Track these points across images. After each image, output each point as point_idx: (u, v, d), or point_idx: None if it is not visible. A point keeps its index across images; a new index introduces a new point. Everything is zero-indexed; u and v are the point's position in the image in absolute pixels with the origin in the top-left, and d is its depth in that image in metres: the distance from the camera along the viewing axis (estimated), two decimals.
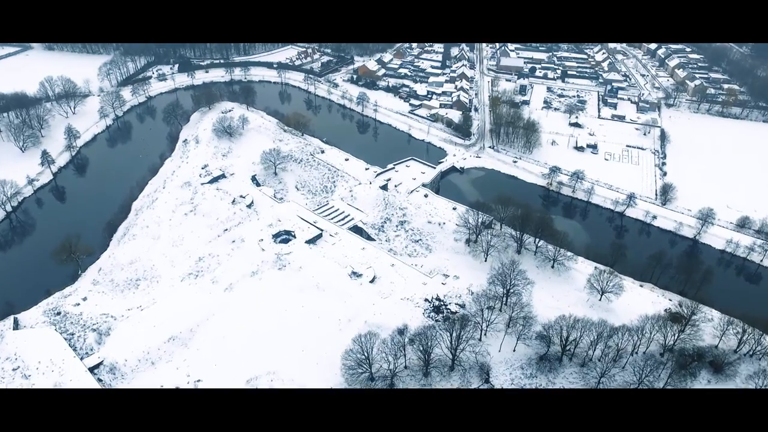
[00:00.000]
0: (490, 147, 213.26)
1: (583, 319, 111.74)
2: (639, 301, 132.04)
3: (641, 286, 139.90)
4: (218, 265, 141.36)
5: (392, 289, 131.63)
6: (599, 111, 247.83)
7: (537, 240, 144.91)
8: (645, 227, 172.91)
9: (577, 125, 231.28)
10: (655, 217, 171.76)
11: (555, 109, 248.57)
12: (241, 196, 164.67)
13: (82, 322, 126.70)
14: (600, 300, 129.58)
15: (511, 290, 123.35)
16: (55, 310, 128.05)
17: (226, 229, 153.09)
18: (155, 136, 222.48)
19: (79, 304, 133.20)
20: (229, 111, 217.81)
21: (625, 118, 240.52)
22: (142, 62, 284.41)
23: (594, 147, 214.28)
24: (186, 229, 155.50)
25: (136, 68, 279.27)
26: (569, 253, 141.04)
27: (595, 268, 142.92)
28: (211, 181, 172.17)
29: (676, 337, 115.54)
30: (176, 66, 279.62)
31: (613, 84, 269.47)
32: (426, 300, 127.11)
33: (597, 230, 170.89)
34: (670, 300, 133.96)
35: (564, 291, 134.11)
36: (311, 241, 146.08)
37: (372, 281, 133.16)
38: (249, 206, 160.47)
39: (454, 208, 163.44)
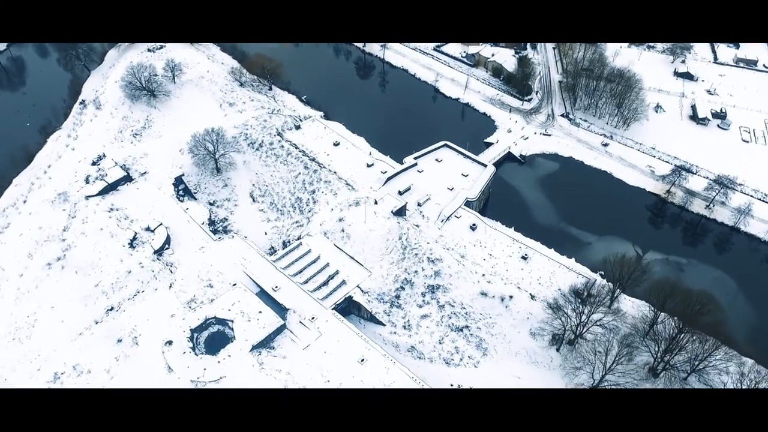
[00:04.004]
0: (562, 115, 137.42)
1: None
2: None
3: None
4: None
5: None
6: (714, 52, 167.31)
7: (690, 346, 75.64)
8: None
9: (687, 76, 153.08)
10: None
11: (649, 47, 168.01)
12: (147, 229, 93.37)
13: None
14: None
15: None
16: None
17: (111, 308, 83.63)
18: (53, 87, 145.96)
19: None
20: (158, 49, 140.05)
21: (756, 63, 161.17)
22: None
23: (722, 117, 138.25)
24: (41, 300, 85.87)
25: None
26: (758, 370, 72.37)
27: None
28: (103, 192, 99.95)
29: None
30: None
31: None
32: None
33: (758, 289, 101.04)
34: None
35: None
36: (263, 343, 77.20)
37: None
38: (158, 253, 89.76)
39: (525, 257, 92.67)
